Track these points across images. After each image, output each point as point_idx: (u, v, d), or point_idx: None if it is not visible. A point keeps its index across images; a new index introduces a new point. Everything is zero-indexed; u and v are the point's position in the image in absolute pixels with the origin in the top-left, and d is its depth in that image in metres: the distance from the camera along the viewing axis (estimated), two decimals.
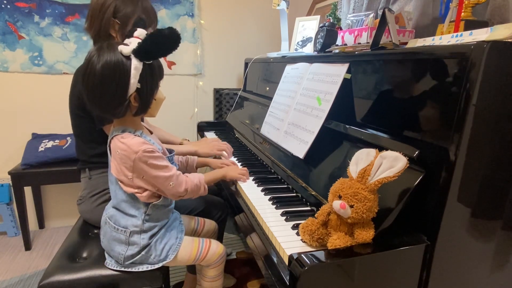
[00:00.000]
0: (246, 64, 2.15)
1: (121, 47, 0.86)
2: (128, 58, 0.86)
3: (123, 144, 0.92)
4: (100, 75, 0.86)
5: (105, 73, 0.86)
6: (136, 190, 0.97)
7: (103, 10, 1.16)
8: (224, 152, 1.46)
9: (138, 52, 0.86)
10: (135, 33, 0.90)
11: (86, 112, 1.16)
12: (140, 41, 0.88)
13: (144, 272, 1.02)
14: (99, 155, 1.21)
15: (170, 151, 1.09)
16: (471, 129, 0.68)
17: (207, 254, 1.11)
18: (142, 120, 1.24)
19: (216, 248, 1.13)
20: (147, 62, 0.89)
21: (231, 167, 1.22)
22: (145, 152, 0.91)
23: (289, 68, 1.44)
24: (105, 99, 0.89)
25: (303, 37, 1.80)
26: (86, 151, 1.24)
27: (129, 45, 0.87)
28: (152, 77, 0.92)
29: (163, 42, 0.87)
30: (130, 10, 1.18)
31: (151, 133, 1.08)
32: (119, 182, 0.97)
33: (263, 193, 1.10)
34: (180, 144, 1.56)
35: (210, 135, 1.95)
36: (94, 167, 1.25)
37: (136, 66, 0.87)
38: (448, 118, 0.71)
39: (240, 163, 1.37)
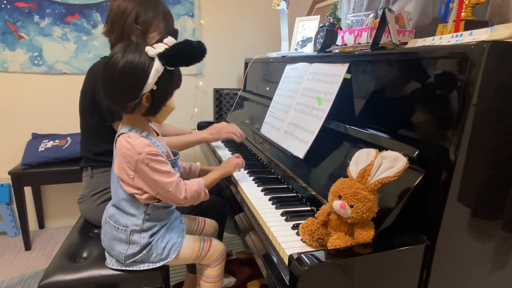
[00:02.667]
0: (246, 64, 2.15)
1: (147, 48, 0.89)
2: (152, 59, 0.89)
3: (128, 143, 0.92)
4: (121, 69, 0.88)
5: (127, 67, 0.88)
6: (136, 191, 0.97)
7: (124, 16, 1.17)
8: (233, 136, 1.46)
9: (163, 56, 0.89)
10: (165, 40, 0.92)
11: (97, 109, 1.18)
12: (167, 47, 0.90)
13: (144, 271, 1.02)
14: (103, 153, 1.21)
15: (175, 153, 1.10)
16: (471, 129, 0.68)
17: (208, 252, 1.11)
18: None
19: (216, 246, 1.14)
20: (168, 68, 0.91)
21: (227, 161, 1.20)
22: (148, 155, 0.91)
23: (289, 68, 1.44)
24: (119, 91, 0.91)
25: (303, 37, 1.80)
26: (91, 148, 1.25)
27: (156, 49, 0.89)
28: (169, 84, 0.94)
29: (189, 52, 0.90)
30: (151, 16, 1.20)
31: (158, 135, 1.08)
32: (120, 181, 0.98)
33: (263, 193, 1.10)
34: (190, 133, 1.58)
35: None
36: (97, 165, 1.25)
37: (157, 68, 0.88)
38: (448, 118, 0.71)
39: None
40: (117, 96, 0.92)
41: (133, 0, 1.18)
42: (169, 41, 0.92)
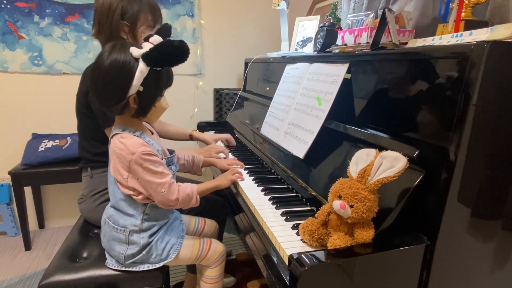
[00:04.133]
0: (246, 64, 2.15)
1: (132, 49, 0.88)
2: (136, 60, 0.88)
3: (121, 143, 0.92)
4: (106, 70, 0.87)
5: (111, 69, 0.87)
6: (131, 192, 0.97)
7: (110, 14, 1.15)
8: (221, 154, 1.46)
9: (146, 57, 0.87)
10: (151, 39, 0.91)
11: (92, 111, 1.18)
12: (152, 47, 0.89)
13: (144, 272, 1.02)
14: (102, 154, 1.21)
15: (171, 151, 1.09)
16: (471, 129, 0.68)
17: (208, 253, 1.11)
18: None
19: (216, 247, 1.14)
20: (155, 69, 0.90)
21: (223, 175, 1.19)
22: (142, 155, 0.91)
23: (289, 68, 1.44)
24: (105, 94, 0.91)
25: (303, 37, 1.80)
26: (89, 150, 1.25)
27: (142, 49, 0.88)
28: (156, 84, 0.92)
29: (171, 53, 0.88)
30: (136, 9, 1.18)
31: (153, 133, 1.08)
32: (116, 182, 0.98)
33: (263, 193, 1.10)
34: (190, 135, 1.60)
35: None
36: (96, 166, 1.25)
37: (142, 69, 0.87)
38: (448, 118, 0.71)
39: None
40: (103, 98, 0.92)
41: None
42: (155, 40, 0.90)
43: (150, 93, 0.92)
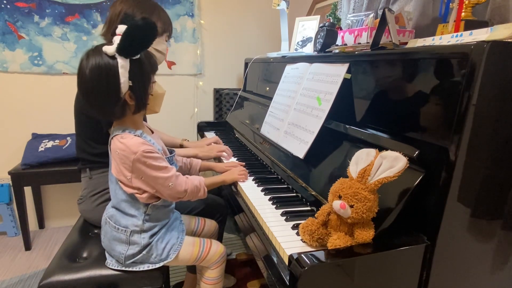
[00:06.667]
0: (246, 64, 2.15)
1: (105, 48, 0.86)
2: (113, 58, 0.86)
3: (122, 144, 0.92)
4: (90, 80, 0.86)
5: (94, 76, 0.86)
6: (135, 191, 0.97)
7: (120, 16, 1.18)
8: (224, 153, 1.46)
9: (120, 50, 0.85)
10: (117, 30, 0.88)
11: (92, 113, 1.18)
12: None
13: (144, 272, 1.02)
14: (100, 155, 1.21)
15: (171, 151, 1.10)
16: (471, 129, 0.68)
17: (208, 254, 1.11)
18: (145, 119, 1.24)
19: (216, 248, 1.14)
20: (133, 58, 0.88)
21: (230, 171, 1.22)
22: (144, 153, 0.91)
23: (289, 68, 1.44)
24: (100, 102, 0.90)
25: (303, 37, 1.80)
26: (87, 151, 1.25)
27: (113, 44, 0.86)
28: (142, 72, 0.91)
29: (139, 34, 0.85)
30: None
31: (152, 132, 1.08)
32: (119, 182, 0.97)
33: (263, 193, 1.10)
34: (180, 144, 1.57)
35: (210, 135, 1.95)
36: (94, 166, 1.25)
37: (122, 64, 0.86)
38: (448, 118, 0.71)
39: None
40: (101, 107, 0.91)
41: (131, 2, 1.19)
42: (120, 30, 0.87)
43: (141, 83, 0.91)
